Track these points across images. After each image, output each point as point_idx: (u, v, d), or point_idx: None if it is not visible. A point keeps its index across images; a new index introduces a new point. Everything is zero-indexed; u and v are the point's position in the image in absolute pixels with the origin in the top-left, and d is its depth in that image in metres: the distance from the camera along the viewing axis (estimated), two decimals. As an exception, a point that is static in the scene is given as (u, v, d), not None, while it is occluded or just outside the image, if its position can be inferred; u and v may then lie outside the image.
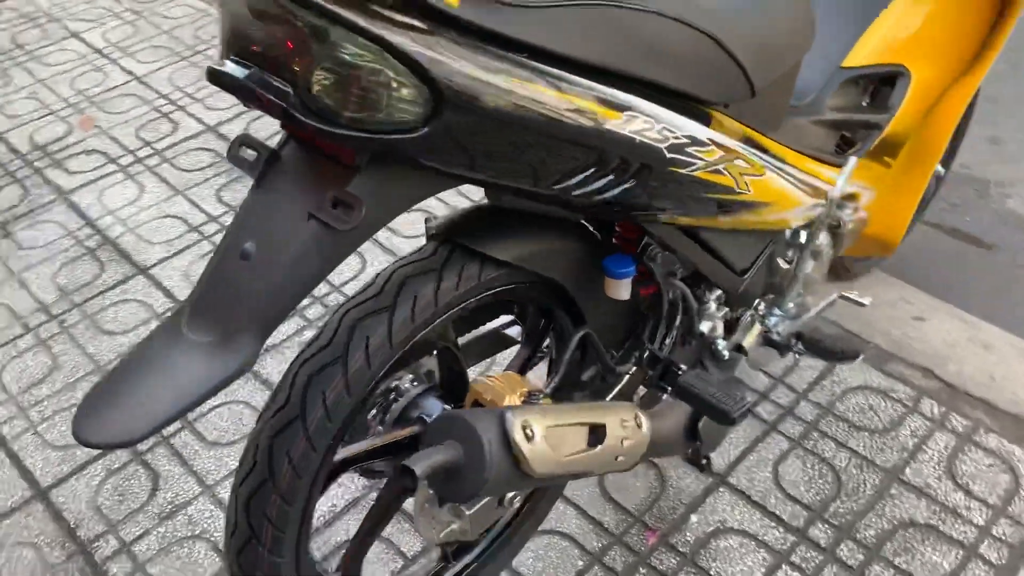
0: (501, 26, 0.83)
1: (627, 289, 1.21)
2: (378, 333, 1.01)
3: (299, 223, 0.86)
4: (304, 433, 0.99)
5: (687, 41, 1.01)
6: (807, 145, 1.44)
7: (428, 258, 1.07)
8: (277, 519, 1.02)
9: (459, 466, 0.93)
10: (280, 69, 0.78)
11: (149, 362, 0.85)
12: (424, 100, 0.80)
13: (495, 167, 0.89)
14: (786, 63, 1.25)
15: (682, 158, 1.04)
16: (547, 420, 0.99)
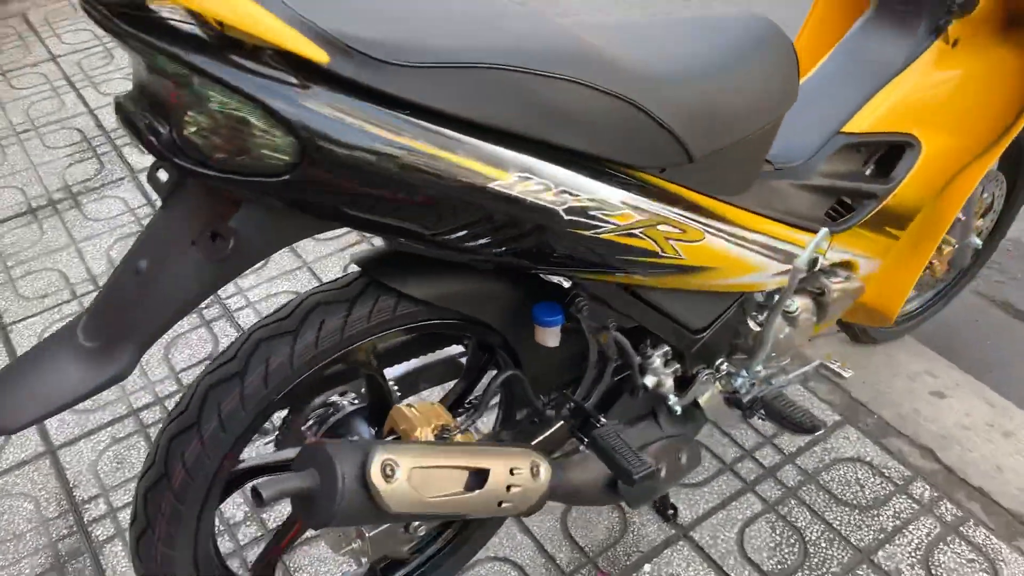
0: (378, 83, 0.87)
1: (555, 337, 1.23)
2: (280, 354, 1.07)
3: (184, 249, 0.92)
4: (198, 439, 1.06)
5: (602, 107, 1.02)
6: (786, 210, 1.42)
7: (343, 288, 1.12)
8: (171, 515, 1.09)
9: (313, 494, 0.97)
10: (158, 109, 0.85)
11: (41, 360, 0.93)
12: (289, 149, 0.85)
13: (368, 215, 0.93)
14: (745, 128, 1.24)
15: (585, 220, 1.04)
16: (417, 460, 1.02)
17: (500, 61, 0.93)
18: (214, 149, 0.83)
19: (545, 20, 1.06)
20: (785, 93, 1.30)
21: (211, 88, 0.80)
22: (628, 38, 1.19)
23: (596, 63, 1.03)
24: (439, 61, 0.90)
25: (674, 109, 1.11)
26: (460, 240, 0.99)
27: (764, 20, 1.31)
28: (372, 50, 0.86)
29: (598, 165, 1.06)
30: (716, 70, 1.20)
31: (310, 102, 0.84)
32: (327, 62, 0.84)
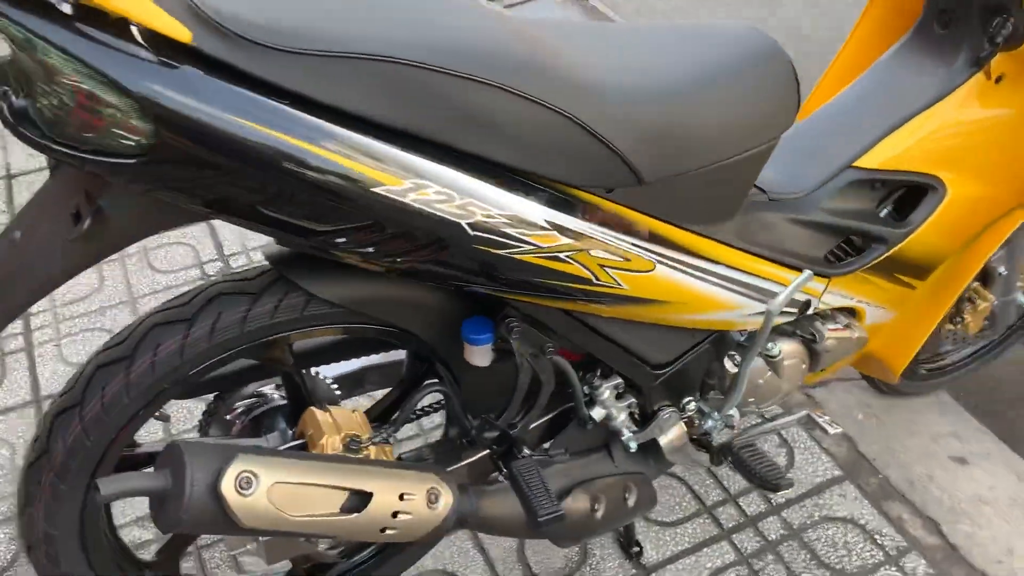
0: (250, 66, 0.80)
1: (484, 356, 1.14)
2: (170, 342, 1.02)
3: (53, 224, 0.88)
4: (79, 419, 1.02)
5: (528, 117, 0.93)
6: (775, 246, 1.29)
7: (248, 280, 1.06)
8: (52, 493, 1.06)
9: (164, 497, 0.92)
10: (12, 78, 0.80)
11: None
12: (143, 130, 0.79)
13: (231, 210, 0.86)
14: (720, 152, 1.12)
15: (495, 238, 0.95)
16: (282, 475, 0.95)
17: (400, 55, 0.85)
18: (65, 124, 0.78)
19: (487, 18, 0.97)
20: (777, 116, 1.18)
21: (61, 59, 0.75)
22: (592, 45, 1.08)
23: (528, 68, 0.93)
24: (324, 49, 0.82)
25: (621, 125, 1.00)
26: (344, 246, 0.91)
27: (758, 33, 1.18)
28: (246, 31, 0.80)
29: (521, 179, 0.97)
30: (688, 85, 1.09)
31: (169, 82, 0.78)
32: (189, 40, 0.78)
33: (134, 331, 1.04)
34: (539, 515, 1.11)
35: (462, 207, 0.92)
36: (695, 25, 1.20)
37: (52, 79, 0.76)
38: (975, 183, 1.42)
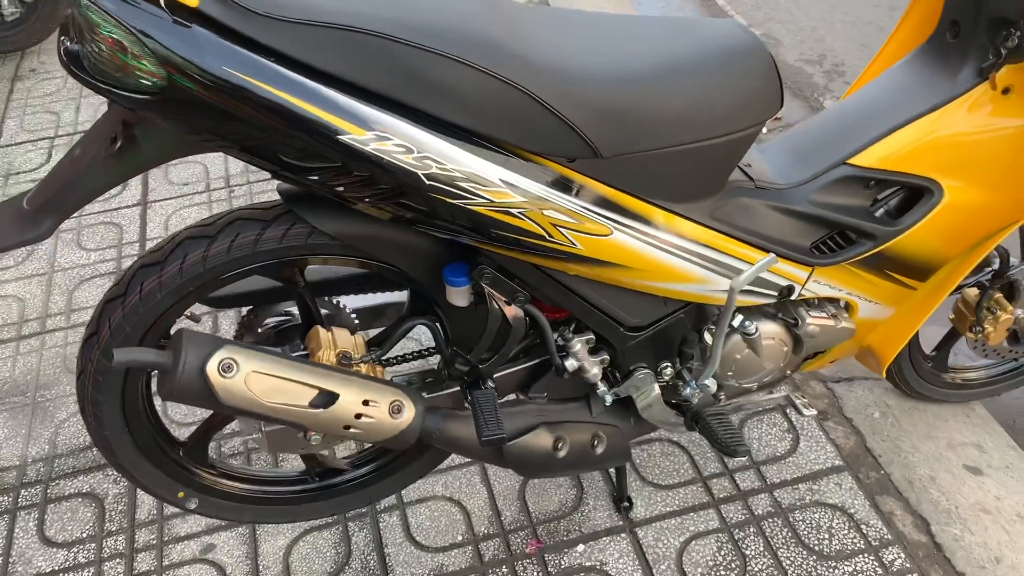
0: (245, 29, 1.00)
1: (462, 297, 1.31)
2: (195, 253, 1.25)
3: (100, 144, 1.12)
4: (122, 308, 1.27)
5: (487, 89, 1.09)
6: (754, 230, 1.39)
7: (263, 210, 1.27)
8: (97, 366, 1.31)
9: (163, 371, 1.14)
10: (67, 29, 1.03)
11: (-8, 214, 1.17)
12: (159, 74, 1.00)
13: (227, 142, 1.07)
14: (686, 135, 1.24)
15: (449, 189, 1.12)
16: (259, 366, 1.16)
17: (373, 27, 1.03)
18: (102, 65, 1.01)
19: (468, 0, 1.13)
20: (752, 106, 1.27)
21: (97, 14, 0.97)
22: (571, 31, 1.22)
23: (490, 45, 1.09)
24: (308, 18, 1.01)
25: (579, 103, 1.14)
26: (317, 183, 1.10)
27: (738, 27, 1.28)
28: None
29: (481, 141, 1.12)
30: (655, 71, 1.21)
31: (179, 37, 0.99)
32: (196, 5, 0.98)
33: (169, 242, 1.27)
34: (482, 435, 1.27)
35: (419, 159, 1.09)
36: (681, 19, 1.31)
37: (92, 30, 0.98)
38: (977, 191, 1.46)
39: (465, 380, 1.42)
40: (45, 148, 2.85)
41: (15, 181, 2.71)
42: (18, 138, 2.90)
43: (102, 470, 1.88)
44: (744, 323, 1.46)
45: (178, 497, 1.50)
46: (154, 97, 1.02)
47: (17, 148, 2.86)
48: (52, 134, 2.91)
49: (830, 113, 1.54)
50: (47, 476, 1.88)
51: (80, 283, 2.38)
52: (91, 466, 1.89)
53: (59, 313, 2.29)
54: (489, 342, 1.35)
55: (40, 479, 1.88)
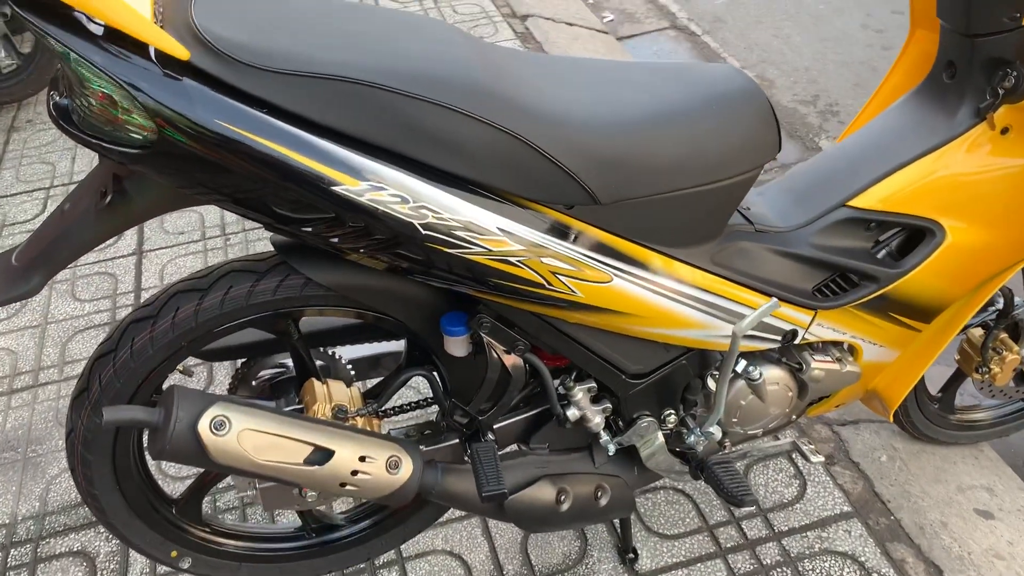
0: (237, 81, 0.99)
1: (460, 347, 1.29)
2: (188, 306, 1.22)
3: (90, 198, 1.10)
4: (112, 365, 1.24)
5: (482, 137, 1.07)
6: (755, 274, 1.37)
7: (256, 261, 1.25)
8: (87, 423, 1.28)
9: (154, 429, 1.11)
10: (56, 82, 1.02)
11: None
12: (148, 127, 0.98)
13: (224, 196, 1.05)
14: (684, 181, 1.22)
15: (446, 238, 1.10)
16: (252, 423, 1.13)
17: (364, 77, 1.02)
18: (91, 119, 0.99)
19: (457, 46, 1.12)
20: (749, 151, 1.26)
21: (87, 68, 0.96)
22: (564, 77, 1.22)
23: (484, 93, 1.07)
24: (298, 69, 1.00)
25: (577, 150, 1.13)
26: (311, 235, 1.08)
27: (735, 71, 1.27)
28: (234, 51, 0.98)
29: (477, 189, 1.11)
30: (651, 117, 1.19)
31: (170, 90, 0.97)
32: (187, 58, 0.97)
33: (160, 295, 1.25)
34: (482, 491, 1.23)
35: (415, 209, 1.07)
36: (677, 64, 1.30)
37: (82, 84, 0.97)
38: (980, 231, 1.44)
39: (464, 432, 1.39)
40: (40, 199, 2.84)
41: (9, 232, 2.70)
42: (13, 189, 2.89)
43: (94, 527, 1.84)
44: (748, 368, 1.43)
45: (171, 557, 1.45)
46: (145, 151, 1.00)
47: (12, 199, 2.85)
48: (48, 184, 2.90)
49: (828, 155, 1.53)
50: (37, 534, 1.84)
51: (74, 335, 2.35)
52: (83, 523, 1.85)
53: (52, 366, 2.26)
54: (489, 392, 1.32)
55: (30, 537, 1.83)
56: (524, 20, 3.86)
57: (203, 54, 0.98)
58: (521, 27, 3.80)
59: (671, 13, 4.13)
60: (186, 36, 0.99)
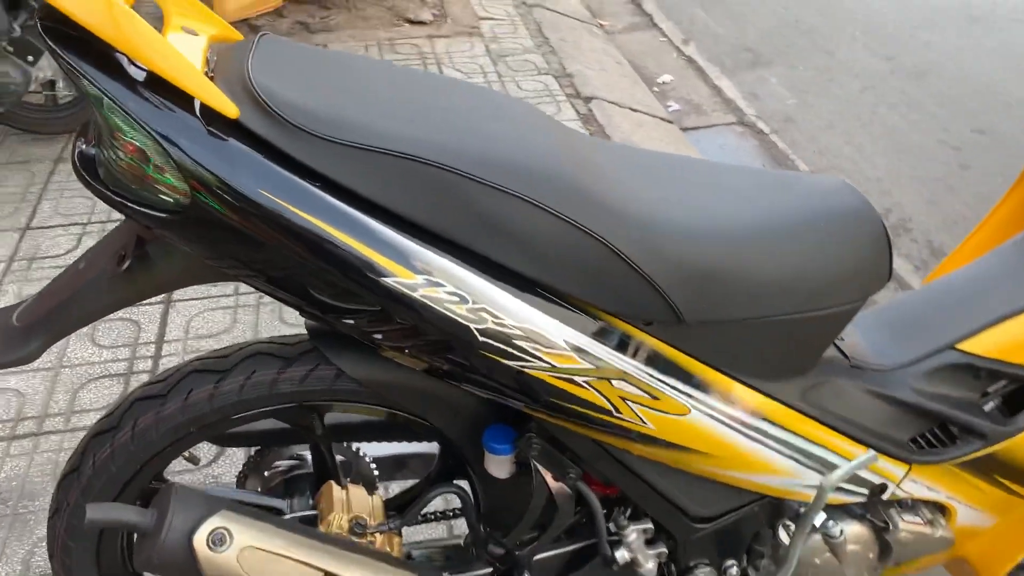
0: (288, 147, 0.85)
1: (502, 468, 1.12)
2: (204, 389, 1.07)
3: (106, 261, 0.96)
4: (110, 445, 1.09)
5: (562, 237, 0.93)
6: (849, 417, 1.19)
7: (285, 346, 1.10)
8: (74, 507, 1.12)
9: (144, 533, 0.95)
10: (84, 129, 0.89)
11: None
12: (181, 190, 0.85)
13: (257, 273, 0.91)
14: (781, 306, 1.06)
15: (505, 348, 0.94)
16: (257, 540, 0.96)
17: (434, 158, 0.88)
18: (119, 174, 0.86)
19: (541, 131, 0.99)
20: (857, 279, 1.10)
21: (120, 116, 0.83)
22: (657, 175, 1.07)
23: (567, 187, 0.93)
24: (362, 142, 0.86)
25: (663, 260, 0.97)
26: (352, 328, 0.93)
27: (846, 186, 1.12)
28: (291, 114, 0.85)
29: (546, 294, 0.96)
30: (751, 231, 1.04)
31: (212, 150, 0.84)
32: (236, 116, 0.84)
33: (174, 373, 1.10)
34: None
35: (474, 311, 0.92)
36: (781, 173, 1.15)
37: (112, 134, 0.84)
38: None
39: (496, 566, 1.21)
40: (76, 234, 2.74)
41: (39, 266, 2.60)
42: (50, 221, 2.80)
43: (73, 605, 1.66)
44: (827, 523, 1.24)
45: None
46: (174, 215, 0.86)
47: (48, 231, 2.76)
48: (85, 220, 2.81)
49: (934, 288, 1.36)
50: (12, 605, 1.67)
51: (87, 382, 2.21)
52: (62, 599, 1.68)
53: (59, 414, 2.12)
54: (531, 523, 1.14)
55: (4, 607, 1.66)
56: (588, 102, 3.76)
57: (254, 113, 0.85)
58: (584, 108, 3.70)
59: (739, 108, 4.02)
60: (238, 91, 0.86)
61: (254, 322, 2.40)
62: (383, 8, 4.35)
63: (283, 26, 4.12)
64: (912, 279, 2.93)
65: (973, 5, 4.94)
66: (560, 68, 3.99)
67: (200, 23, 0.95)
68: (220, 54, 0.94)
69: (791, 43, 4.57)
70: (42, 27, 0.81)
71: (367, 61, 1.02)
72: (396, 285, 0.89)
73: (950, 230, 3.13)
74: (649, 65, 4.47)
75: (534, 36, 4.29)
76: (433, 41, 4.13)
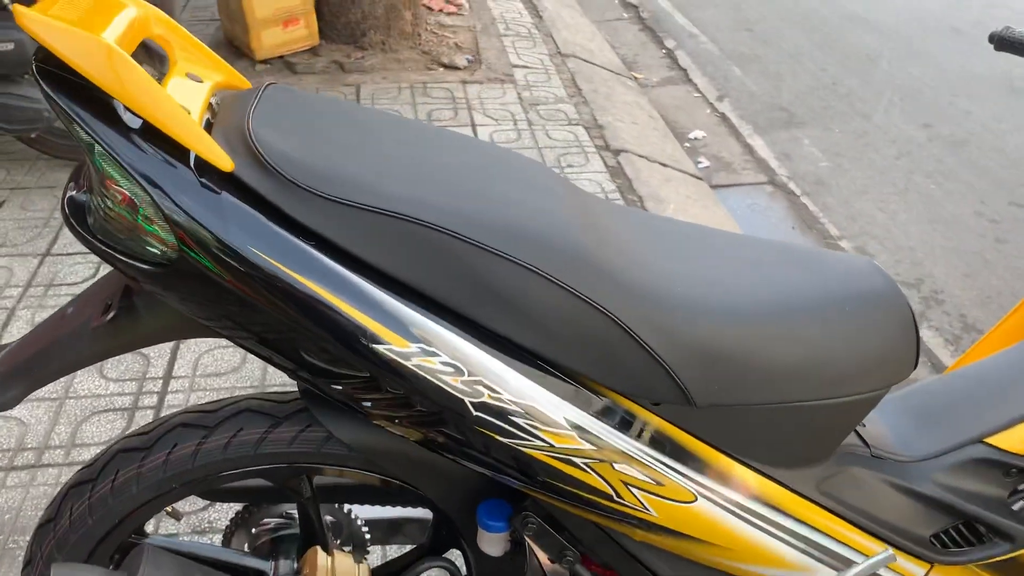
0: (282, 203, 0.82)
1: (496, 546, 1.06)
2: (188, 444, 1.03)
3: (92, 310, 0.93)
4: (88, 497, 1.04)
5: (566, 309, 0.88)
6: (868, 510, 1.12)
7: (276, 403, 1.06)
8: (47, 559, 1.08)
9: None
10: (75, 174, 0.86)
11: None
12: (169, 242, 0.81)
13: (245, 333, 0.86)
14: (799, 392, 1.00)
15: (501, 424, 0.89)
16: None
17: (438, 222, 0.84)
18: (107, 223, 0.83)
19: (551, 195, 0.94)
20: (880, 367, 1.04)
21: (111, 164, 0.80)
22: (672, 247, 1.02)
23: (574, 257, 0.88)
24: (363, 201, 0.82)
25: (675, 338, 0.92)
26: (339, 393, 0.89)
27: (874, 267, 1.06)
28: (288, 169, 0.81)
29: (548, 368, 0.91)
30: (771, 310, 0.99)
31: (203, 203, 0.80)
32: (230, 169, 0.80)
33: (159, 425, 1.06)
34: None
35: (469, 384, 0.87)
36: (806, 249, 1.10)
37: (103, 182, 0.81)
38: None
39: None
40: (94, 264, 2.73)
41: (54, 293, 2.59)
42: (71, 248, 2.80)
43: (52, 650, 1.61)
44: (836, 623, 1.17)
45: None
46: (161, 269, 0.83)
47: (67, 258, 2.75)
48: (106, 249, 2.80)
49: (964, 376, 1.29)
50: (-10, 645, 1.62)
51: (91, 415, 2.18)
52: (42, 643, 1.62)
53: (59, 446, 2.08)
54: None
55: (-19, 647, 1.61)
56: (617, 154, 3.73)
57: (250, 166, 0.81)
58: (613, 161, 3.67)
59: (770, 168, 3.97)
60: (236, 143, 0.83)
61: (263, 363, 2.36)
62: (418, 52, 4.37)
63: (318, 65, 4.14)
64: (942, 353, 2.84)
65: (1015, 76, 4.87)
66: (591, 119, 3.97)
67: (206, 69, 0.92)
68: (223, 101, 0.91)
69: (827, 105, 4.53)
70: (37, 70, 0.78)
71: (378, 115, 0.99)
72: (388, 353, 0.84)
73: (984, 305, 3.04)
74: (681, 120, 4.44)
75: (567, 86, 4.29)
76: (466, 87, 4.13)
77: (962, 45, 5.32)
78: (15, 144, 3.23)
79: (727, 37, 5.43)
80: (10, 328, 2.42)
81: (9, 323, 2.44)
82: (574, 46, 4.85)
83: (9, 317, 2.46)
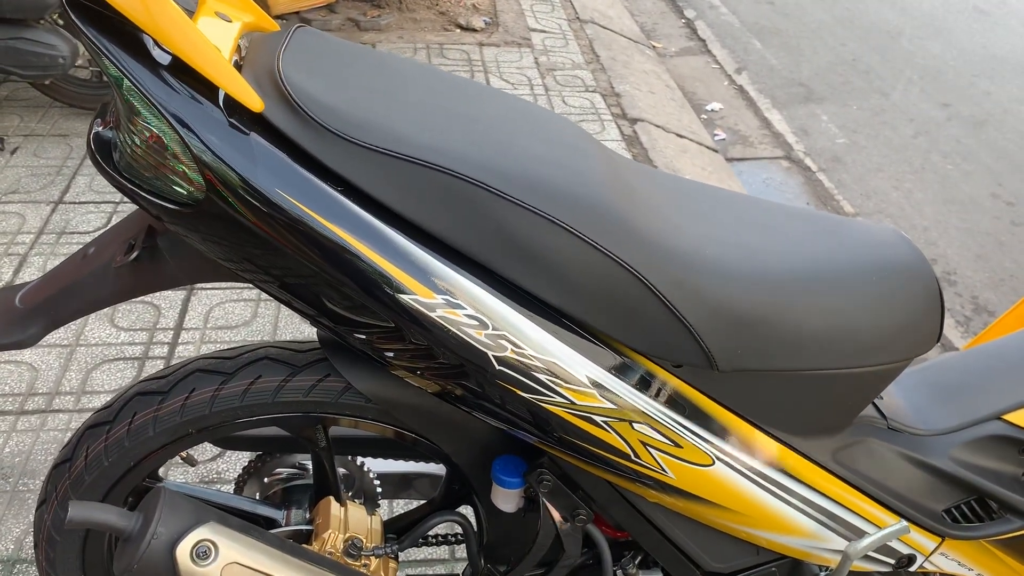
0: (311, 146, 0.80)
1: (509, 502, 1.06)
2: (205, 390, 1.03)
3: (114, 250, 0.92)
4: (104, 438, 1.04)
5: (594, 266, 0.87)
6: (881, 482, 1.12)
7: (295, 352, 1.05)
8: (62, 500, 1.08)
9: (127, 539, 0.90)
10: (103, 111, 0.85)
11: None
12: (196, 182, 0.80)
13: (269, 277, 0.86)
14: (822, 360, 1.00)
15: (523, 380, 0.88)
16: (244, 556, 0.91)
17: (469, 172, 0.82)
18: (133, 161, 0.82)
19: (583, 154, 0.93)
20: (904, 338, 1.03)
21: (140, 100, 0.78)
22: (703, 211, 1.01)
23: (605, 215, 0.87)
24: (393, 149, 0.81)
25: (702, 301, 0.91)
26: (362, 343, 0.88)
27: (900, 237, 1.05)
28: (318, 112, 0.80)
29: (572, 326, 0.90)
30: (799, 277, 0.97)
31: (231, 144, 0.79)
32: (260, 110, 0.79)
33: (177, 370, 1.05)
34: None
35: (493, 337, 0.86)
36: (832, 217, 1.09)
37: (131, 118, 0.80)
38: None
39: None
40: (107, 212, 2.73)
41: (66, 240, 2.58)
42: (83, 197, 2.80)
43: (61, 591, 1.62)
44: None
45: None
46: (187, 209, 0.82)
47: (80, 207, 2.75)
48: (118, 199, 2.79)
49: (984, 352, 1.28)
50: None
51: (101, 363, 2.19)
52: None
53: (70, 392, 2.09)
54: (535, 561, 1.08)
55: (-8, 586, 1.63)
56: (633, 123, 3.70)
57: (280, 108, 0.80)
58: (629, 130, 3.64)
59: (787, 143, 3.94)
60: (265, 84, 0.81)
61: (275, 316, 2.36)
62: (435, 12, 4.32)
63: (334, 22, 4.10)
64: (953, 334, 2.83)
65: (1037, 58, 4.82)
66: (608, 87, 3.94)
67: (235, 9, 0.91)
68: (252, 43, 0.90)
69: (846, 81, 4.48)
70: (67, 1, 0.76)
71: (408, 63, 0.97)
72: (412, 303, 0.83)
73: (997, 288, 3.03)
74: (699, 91, 4.40)
75: (585, 52, 4.24)
76: (483, 48, 4.09)
77: (985, 25, 5.25)
78: (29, 91, 3.22)
79: (748, 9, 5.36)
80: (21, 274, 2.42)
81: (21, 269, 2.44)
82: (593, 12, 4.79)
83: (21, 263, 2.46)
